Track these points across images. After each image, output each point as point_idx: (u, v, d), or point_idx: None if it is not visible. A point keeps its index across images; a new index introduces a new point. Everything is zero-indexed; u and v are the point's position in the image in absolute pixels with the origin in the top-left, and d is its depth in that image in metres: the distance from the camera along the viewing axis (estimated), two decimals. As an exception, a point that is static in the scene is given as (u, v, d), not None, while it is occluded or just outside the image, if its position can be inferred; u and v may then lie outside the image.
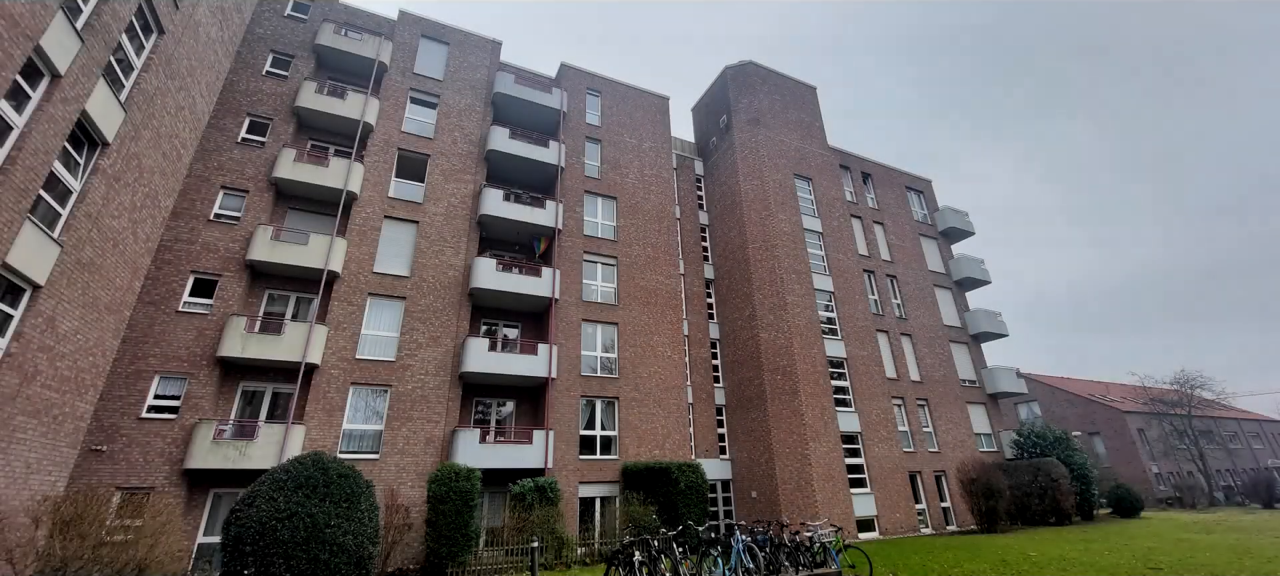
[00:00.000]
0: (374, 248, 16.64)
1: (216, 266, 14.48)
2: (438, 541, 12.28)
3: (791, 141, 25.67)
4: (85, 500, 8.41)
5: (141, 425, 12.46)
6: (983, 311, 27.21)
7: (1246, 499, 35.41)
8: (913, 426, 22.16)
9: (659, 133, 24.12)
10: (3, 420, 8.84)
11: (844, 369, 21.56)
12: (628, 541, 9.60)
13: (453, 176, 18.77)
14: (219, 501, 12.97)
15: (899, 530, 19.46)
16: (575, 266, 19.43)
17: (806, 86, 28.22)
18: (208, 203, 15.06)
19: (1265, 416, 50.50)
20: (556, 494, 14.26)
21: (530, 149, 19.71)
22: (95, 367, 11.41)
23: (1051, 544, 15.02)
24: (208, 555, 12.23)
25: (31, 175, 8.77)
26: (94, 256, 10.84)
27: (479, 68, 21.18)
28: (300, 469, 9.19)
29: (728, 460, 21.01)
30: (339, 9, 19.88)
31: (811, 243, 23.84)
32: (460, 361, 16.07)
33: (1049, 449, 22.74)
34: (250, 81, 17.08)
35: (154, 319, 13.37)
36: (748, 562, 10.07)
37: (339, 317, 15.36)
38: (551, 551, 13.37)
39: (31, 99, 8.87)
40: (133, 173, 11.81)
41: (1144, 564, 11.54)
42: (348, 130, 17.71)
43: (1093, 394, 42.00)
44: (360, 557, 9.02)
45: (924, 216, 29.86)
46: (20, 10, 8.13)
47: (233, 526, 8.54)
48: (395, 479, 14.18)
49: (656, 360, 19.30)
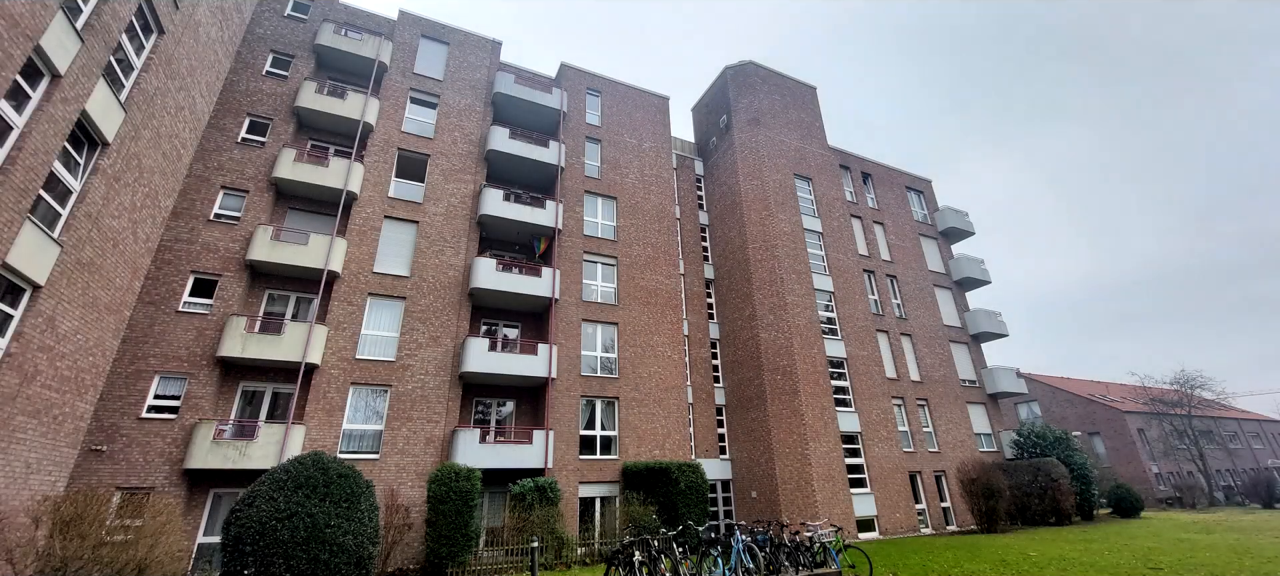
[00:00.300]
0: (374, 248, 16.64)
1: (216, 266, 14.48)
2: (438, 541, 12.28)
3: (791, 141, 25.67)
4: (85, 500, 8.40)
5: (141, 425, 12.46)
6: (983, 311, 27.22)
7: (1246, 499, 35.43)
8: (913, 426, 22.17)
9: (659, 133, 24.13)
10: (3, 420, 8.85)
11: (844, 369, 21.56)
12: (628, 541, 9.61)
13: (453, 176, 18.77)
14: (219, 501, 12.97)
15: (899, 530, 19.46)
16: (575, 266, 19.43)
17: (806, 86, 28.23)
18: (208, 203, 15.06)
19: (1265, 416, 50.52)
20: (556, 494, 14.26)
21: (530, 149, 19.71)
22: (95, 367, 11.42)
23: (1051, 544, 15.02)
24: (208, 555, 12.23)
25: (31, 175, 8.77)
26: (94, 256, 10.84)
27: (479, 68, 21.18)
28: (300, 469, 9.19)
29: (728, 460, 21.01)
30: (339, 9, 19.88)
31: (811, 243, 23.85)
32: (460, 361, 16.08)
33: (1049, 449, 22.75)
34: (250, 81, 17.09)
35: (154, 319, 13.38)
36: (748, 562, 10.07)
37: (339, 317, 15.36)
38: (551, 551, 13.38)
39: (31, 99, 8.87)
40: (133, 173, 11.82)
41: (1144, 564, 11.55)
42: (348, 130, 17.71)
43: (1093, 394, 42.00)
44: (360, 557, 9.02)
45: (924, 216, 29.87)
46: (20, 10, 8.13)
47: (233, 526, 8.54)
48: (395, 479, 14.18)
49: (656, 360, 19.31)
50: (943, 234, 29.66)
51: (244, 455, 12.65)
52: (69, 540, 7.97)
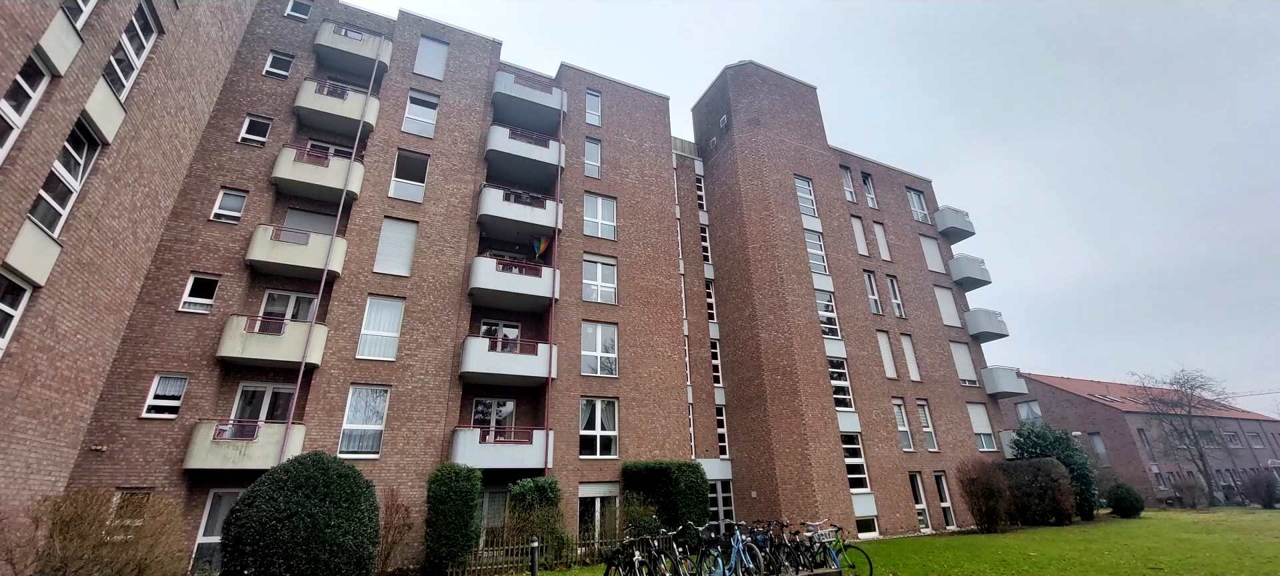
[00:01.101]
0: (374, 248, 16.64)
1: (216, 266, 14.48)
2: (438, 541, 12.28)
3: (791, 141, 25.67)
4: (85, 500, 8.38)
5: (141, 425, 12.46)
6: (983, 311, 27.22)
7: (1246, 499, 35.43)
8: (913, 426, 22.17)
9: (659, 133, 24.13)
10: (3, 420, 8.84)
11: (844, 369, 21.56)
12: (628, 541, 9.61)
13: (453, 176, 18.77)
14: (219, 501, 12.97)
15: (899, 530, 19.46)
16: (575, 266, 19.43)
17: (806, 86, 28.23)
18: (208, 203, 15.06)
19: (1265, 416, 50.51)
20: (556, 494, 14.26)
21: (530, 149, 19.71)
22: (95, 367, 11.41)
23: (1051, 544, 15.02)
24: (208, 555, 12.23)
25: (31, 175, 8.76)
26: (94, 256, 10.84)
27: (479, 68, 21.18)
28: (300, 469, 9.18)
29: (728, 460, 21.01)
30: (339, 9, 19.88)
31: (811, 243, 23.85)
32: (460, 361, 16.08)
33: (1049, 449, 22.75)
34: (250, 81, 17.08)
35: (154, 319, 13.38)
36: (748, 562, 10.07)
37: (339, 317, 15.36)
38: (551, 551, 13.38)
39: (31, 99, 8.87)
40: (133, 173, 11.81)
41: (1144, 564, 11.55)
42: (348, 130, 17.71)
43: (1093, 394, 42.00)
44: (360, 557, 9.01)
45: (924, 216, 29.88)
46: (20, 10, 8.12)
47: (233, 526, 8.54)
48: (395, 479, 14.18)
49: (656, 360, 19.31)
50: (943, 234, 29.66)
51: (244, 455, 12.64)
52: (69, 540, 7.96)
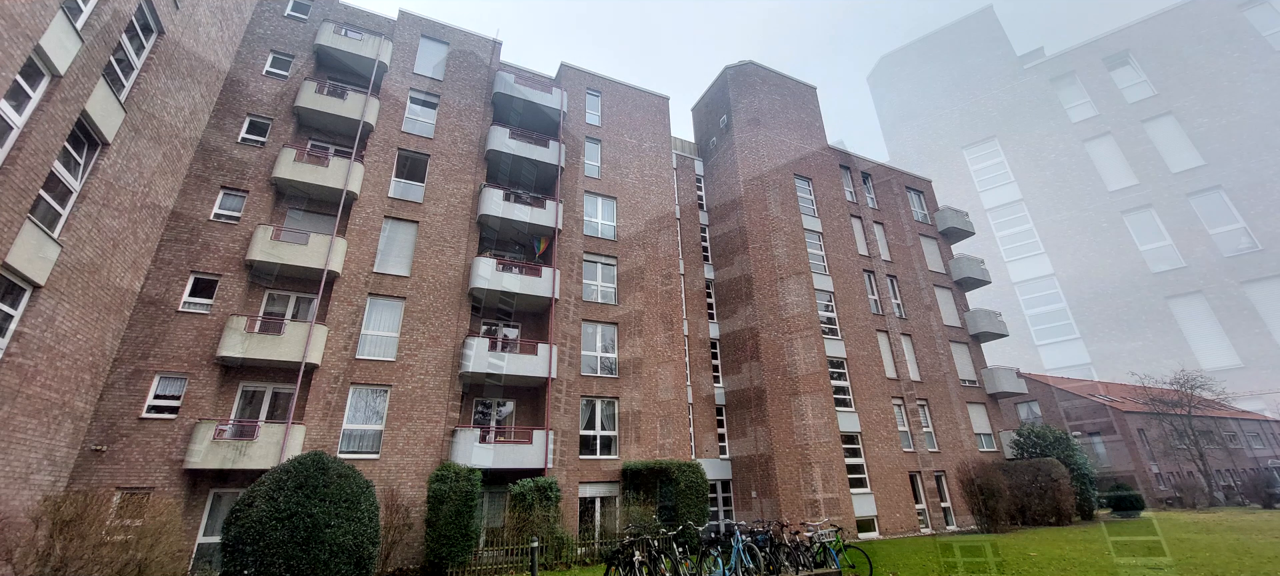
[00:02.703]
0: (374, 247, 16.64)
1: (216, 266, 14.48)
2: (438, 541, 12.28)
3: (791, 141, 25.67)
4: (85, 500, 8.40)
5: (141, 425, 12.45)
6: (982, 311, 27.23)
7: (1246, 499, 35.40)
8: (912, 426, 22.16)
9: (659, 133, 24.13)
10: (3, 420, 8.85)
11: (844, 369, 21.56)
12: (628, 541, 9.61)
13: (453, 176, 18.76)
14: (219, 501, 12.97)
15: (899, 530, 19.46)
16: (575, 266, 19.43)
17: (806, 86, 28.23)
18: (208, 203, 15.05)
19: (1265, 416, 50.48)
20: (556, 494, 14.26)
21: (530, 149, 19.71)
22: (95, 367, 11.42)
23: (1052, 544, 15.02)
24: (208, 555, 12.22)
25: (31, 175, 8.77)
26: (94, 256, 10.84)
27: (479, 67, 21.17)
28: (300, 469, 9.19)
29: (727, 460, 21.01)
30: (339, 9, 19.87)
31: (811, 242, 23.84)
32: (460, 361, 16.07)
33: (1049, 449, 22.75)
34: (250, 81, 17.08)
35: (154, 319, 13.37)
36: (748, 562, 10.07)
37: (339, 318, 15.35)
38: (551, 551, 13.38)
39: (31, 99, 8.87)
40: (133, 173, 11.81)
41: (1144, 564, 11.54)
42: (348, 130, 17.71)
43: (1093, 394, 41.99)
44: (360, 558, 9.02)
45: (924, 216, 29.88)
46: (20, 10, 8.12)
47: (233, 526, 8.55)
48: (395, 479, 14.18)
49: (656, 360, 19.30)
50: (943, 234, 29.66)
51: (244, 455, 12.64)
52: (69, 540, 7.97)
